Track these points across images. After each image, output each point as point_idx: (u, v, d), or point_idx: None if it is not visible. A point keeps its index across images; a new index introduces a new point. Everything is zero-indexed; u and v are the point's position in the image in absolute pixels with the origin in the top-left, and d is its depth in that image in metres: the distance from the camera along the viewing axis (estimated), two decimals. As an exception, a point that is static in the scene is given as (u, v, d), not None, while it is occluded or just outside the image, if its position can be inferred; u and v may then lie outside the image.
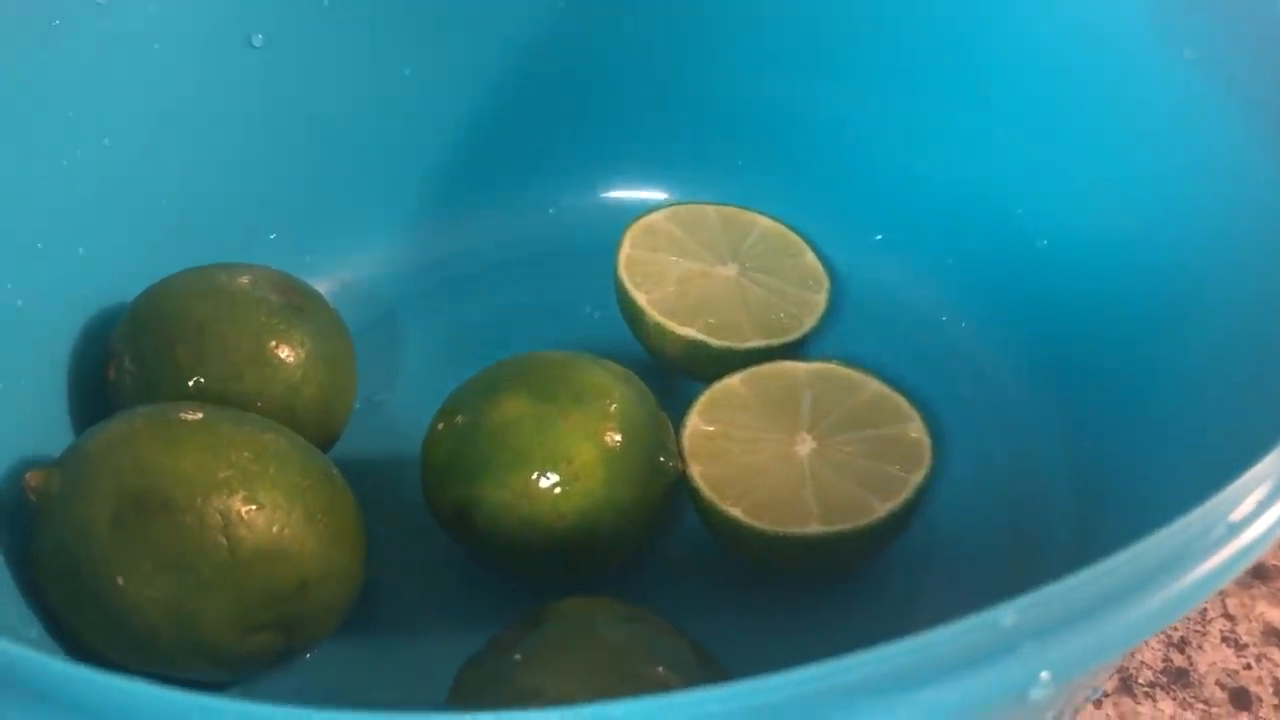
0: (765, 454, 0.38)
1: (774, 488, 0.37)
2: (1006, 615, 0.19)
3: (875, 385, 0.40)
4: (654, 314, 0.42)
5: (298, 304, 0.39)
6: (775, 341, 0.42)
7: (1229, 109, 0.36)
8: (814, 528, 0.36)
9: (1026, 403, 0.43)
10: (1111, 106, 0.40)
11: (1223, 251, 0.36)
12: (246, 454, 0.33)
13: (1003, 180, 0.44)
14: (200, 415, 0.34)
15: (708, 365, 0.42)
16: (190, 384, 0.37)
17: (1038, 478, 0.41)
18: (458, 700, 0.29)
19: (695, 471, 0.37)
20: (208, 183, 0.43)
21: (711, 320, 0.42)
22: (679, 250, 0.45)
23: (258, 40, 0.43)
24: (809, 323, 0.43)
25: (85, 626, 0.32)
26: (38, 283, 0.37)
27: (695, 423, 0.39)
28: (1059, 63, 0.41)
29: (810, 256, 0.46)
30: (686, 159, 0.50)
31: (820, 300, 0.44)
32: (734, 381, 0.40)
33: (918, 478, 0.37)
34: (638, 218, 0.46)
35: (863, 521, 0.36)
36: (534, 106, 0.48)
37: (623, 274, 0.44)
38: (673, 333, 0.42)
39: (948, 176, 0.45)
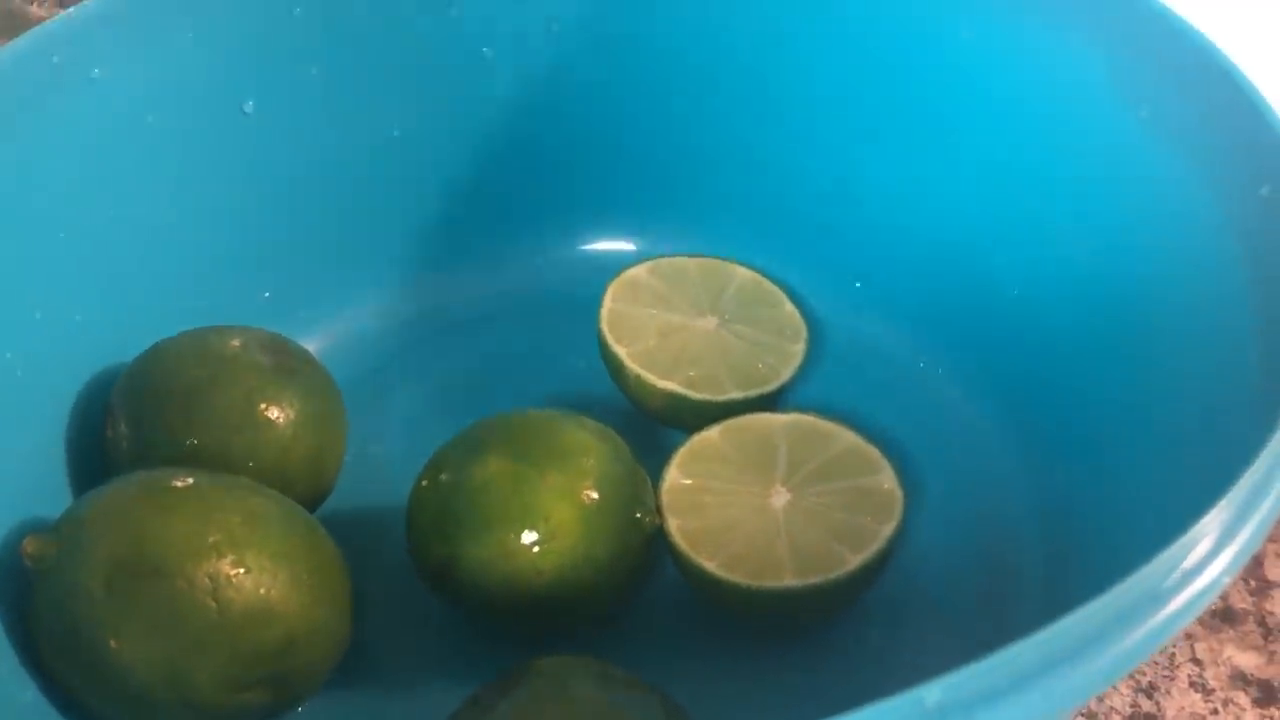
0: (741, 507, 0.39)
1: (749, 540, 0.38)
2: (933, 692, 0.20)
3: (849, 436, 0.41)
4: (634, 367, 0.44)
5: (288, 365, 0.41)
6: (753, 393, 0.44)
7: (1182, 163, 0.37)
8: (788, 581, 0.37)
9: (998, 445, 0.44)
10: (1073, 160, 0.41)
11: (1179, 299, 0.37)
12: (235, 519, 0.34)
13: (974, 230, 0.45)
14: (191, 481, 0.35)
15: (689, 417, 0.43)
16: (184, 446, 0.38)
17: (1009, 518, 0.42)
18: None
19: (673, 526, 0.38)
20: (201, 245, 0.45)
21: (692, 373, 0.43)
22: (660, 303, 0.46)
23: (248, 107, 0.45)
24: (786, 373, 0.45)
25: (80, 687, 0.33)
26: (36, 350, 0.38)
27: (674, 475, 0.40)
28: (1026, 122, 0.42)
29: (789, 306, 0.47)
30: (667, 212, 0.51)
31: (798, 350, 0.46)
32: (712, 434, 0.41)
33: (889, 529, 0.38)
34: (619, 272, 0.47)
35: (835, 573, 0.37)
36: (517, 164, 0.50)
37: (605, 328, 0.45)
38: (653, 386, 0.43)
39: (922, 227, 0.47)
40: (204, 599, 0.33)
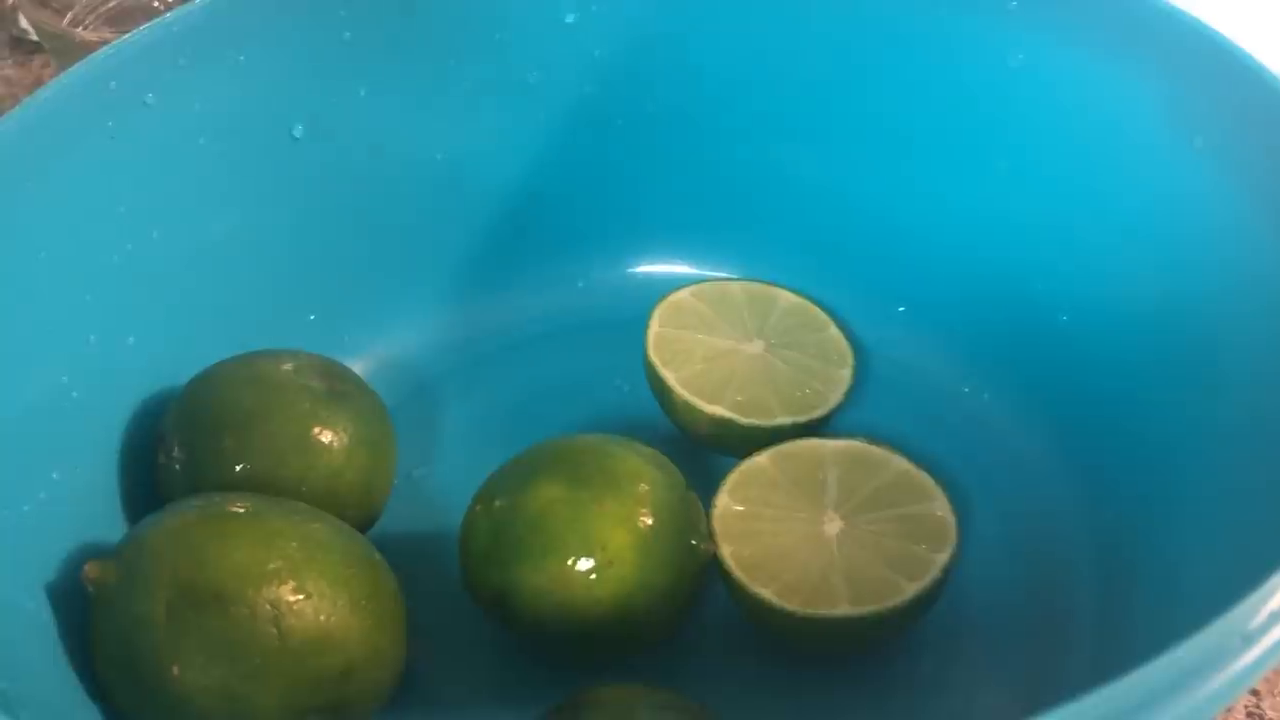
0: (794, 534, 0.39)
1: (803, 568, 0.38)
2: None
3: (900, 463, 0.40)
4: (683, 392, 0.44)
5: (340, 390, 0.41)
6: (802, 418, 0.44)
7: (1235, 193, 0.37)
8: (843, 609, 0.37)
9: (1050, 474, 0.44)
10: (1125, 188, 0.41)
11: (1236, 325, 0.37)
12: (294, 544, 0.34)
13: (1023, 256, 0.45)
14: (249, 507, 0.35)
15: (736, 443, 0.43)
16: (237, 470, 0.38)
17: (1062, 549, 0.42)
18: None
19: (726, 553, 0.38)
20: (250, 269, 0.45)
21: (739, 398, 0.43)
22: (706, 328, 0.46)
23: (297, 131, 0.45)
24: (834, 398, 0.45)
25: (142, 714, 0.33)
26: (90, 373, 0.39)
27: (725, 502, 0.40)
28: (1075, 147, 0.42)
29: (834, 330, 0.47)
30: (712, 235, 0.51)
31: (845, 375, 0.46)
32: (763, 460, 0.41)
33: (944, 557, 0.38)
34: (665, 295, 0.47)
35: (891, 602, 0.37)
36: (562, 186, 0.50)
37: (651, 353, 0.45)
38: (701, 411, 0.43)
39: (969, 251, 0.46)
40: (265, 626, 0.33)
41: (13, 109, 0.37)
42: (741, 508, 0.40)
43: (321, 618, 0.34)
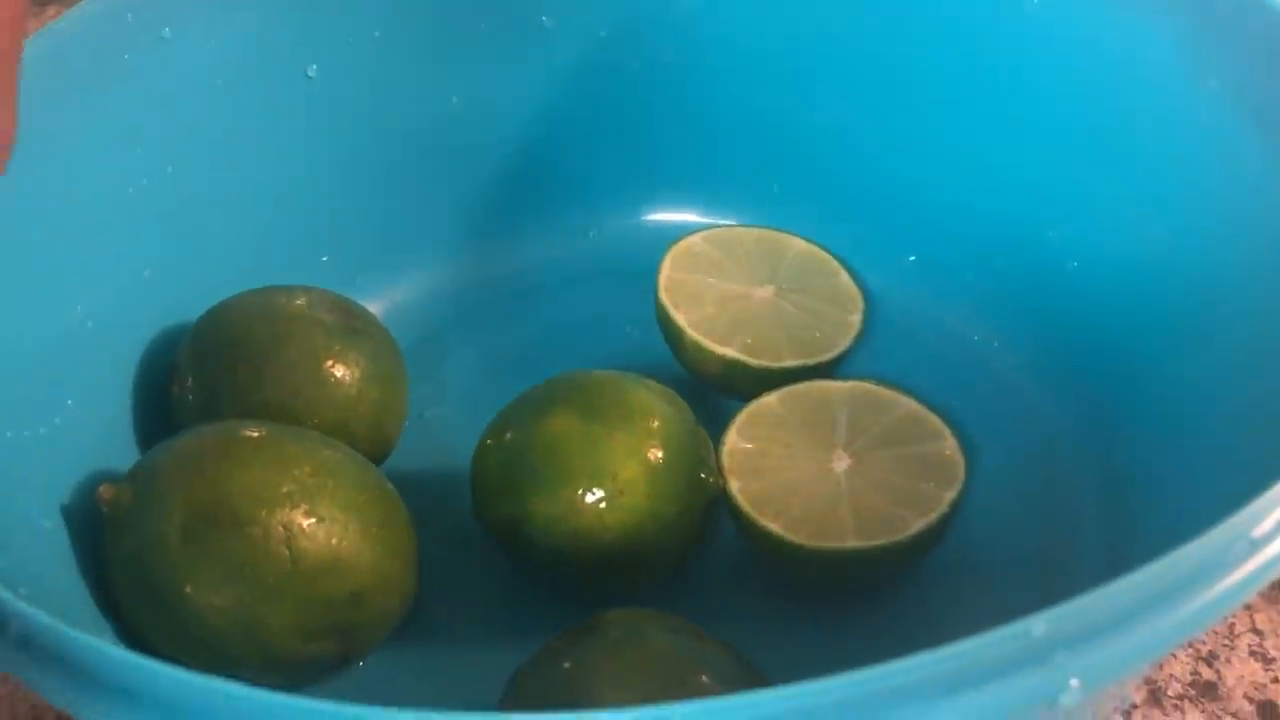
0: (802, 470, 0.39)
1: (811, 503, 0.38)
2: (1038, 625, 0.20)
3: (909, 404, 0.41)
4: (693, 334, 0.44)
5: (353, 325, 0.41)
6: (811, 361, 0.44)
7: (1250, 134, 0.37)
8: (850, 542, 0.37)
9: (1057, 419, 0.44)
10: (1137, 132, 0.41)
11: (1245, 270, 0.37)
12: (307, 469, 0.34)
13: (1033, 203, 0.45)
14: (263, 432, 0.35)
15: (745, 384, 0.43)
16: (251, 402, 0.39)
17: (1068, 492, 0.42)
18: (509, 707, 0.31)
19: (735, 487, 0.39)
20: (263, 208, 0.45)
21: (749, 340, 0.44)
22: (717, 272, 0.46)
23: (312, 71, 0.45)
24: (844, 343, 0.45)
25: (155, 632, 0.34)
26: (105, 304, 0.39)
27: (734, 440, 0.40)
28: (1087, 90, 0.42)
29: (845, 277, 0.47)
30: (723, 182, 0.51)
31: (855, 320, 0.46)
32: (771, 399, 0.41)
33: (951, 494, 0.38)
34: (676, 240, 0.47)
35: (898, 537, 0.37)
36: (575, 132, 0.50)
37: (663, 295, 0.45)
38: (711, 352, 0.43)
39: (979, 199, 0.47)
40: (278, 547, 0.33)
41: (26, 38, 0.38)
42: (750, 445, 0.40)
43: (334, 541, 0.34)
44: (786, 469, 0.39)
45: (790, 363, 0.43)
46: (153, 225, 0.41)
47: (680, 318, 0.44)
